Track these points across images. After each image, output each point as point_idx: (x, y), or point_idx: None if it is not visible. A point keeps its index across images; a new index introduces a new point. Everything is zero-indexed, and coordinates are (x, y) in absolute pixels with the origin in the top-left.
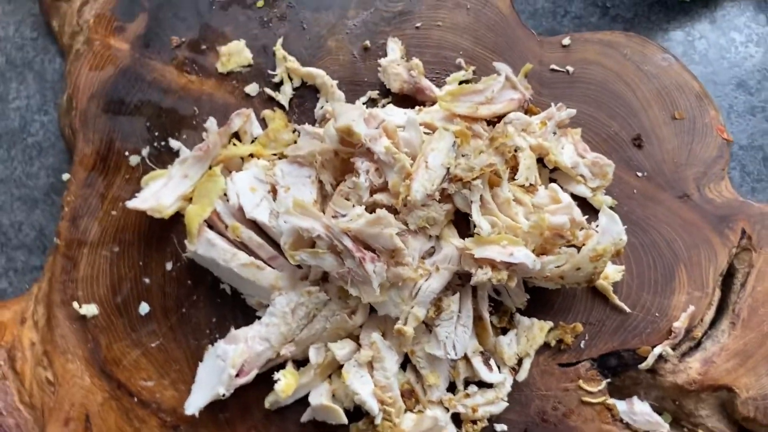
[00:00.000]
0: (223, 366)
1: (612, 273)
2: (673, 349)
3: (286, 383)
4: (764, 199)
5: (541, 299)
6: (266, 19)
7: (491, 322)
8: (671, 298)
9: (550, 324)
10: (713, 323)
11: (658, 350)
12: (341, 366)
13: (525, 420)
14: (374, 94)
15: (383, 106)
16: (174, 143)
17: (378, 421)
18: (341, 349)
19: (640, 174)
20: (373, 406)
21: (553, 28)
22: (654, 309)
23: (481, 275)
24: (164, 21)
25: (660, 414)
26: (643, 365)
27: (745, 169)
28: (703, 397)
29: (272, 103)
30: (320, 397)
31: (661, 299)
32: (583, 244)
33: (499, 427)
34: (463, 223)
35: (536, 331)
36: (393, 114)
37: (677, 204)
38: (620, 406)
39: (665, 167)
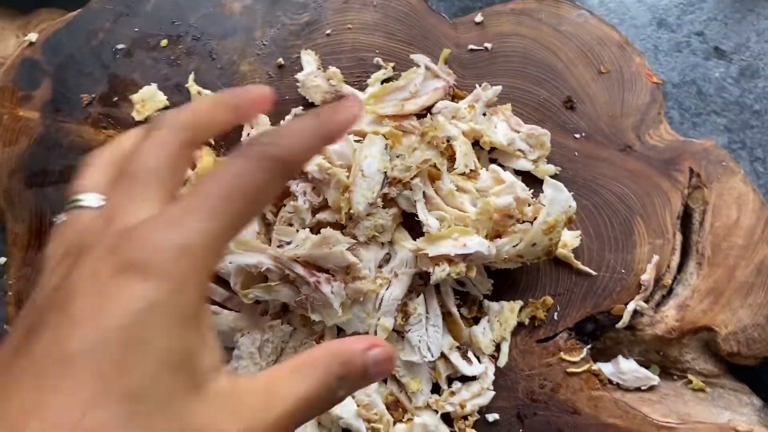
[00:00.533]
0: None
1: (570, 239)
2: (646, 301)
3: None
4: (706, 132)
5: (506, 281)
6: (173, 57)
7: (461, 314)
8: (634, 252)
9: (519, 303)
10: (680, 268)
11: (631, 306)
12: None
13: (515, 404)
14: (299, 110)
15: None
16: None
17: None
18: None
19: (578, 135)
20: (360, 427)
21: (467, 6)
22: (619, 266)
23: (439, 273)
24: (70, 81)
25: (647, 368)
26: (620, 324)
27: (683, 106)
28: (685, 342)
29: None
30: (305, 429)
31: (624, 255)
32: (535, 218)
33: (491, 417)
34: (413, 223)
35: (507, 313)
36: None
37: (621, 157)
38: (606, 368)
39: (602, 123)
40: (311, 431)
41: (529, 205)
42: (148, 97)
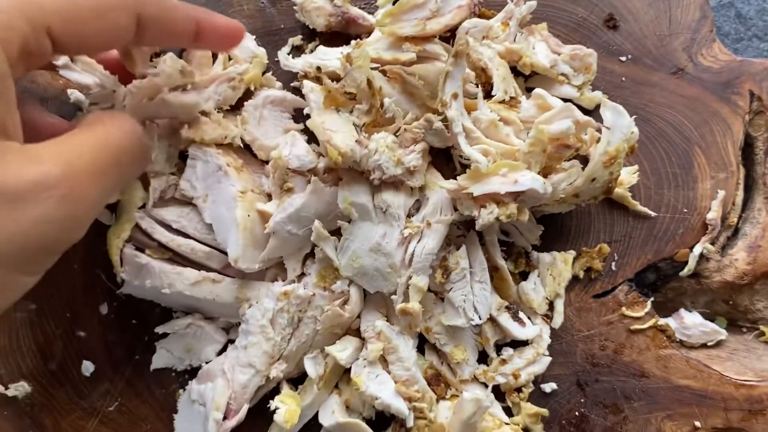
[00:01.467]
0: (204, 411)
1: (626, 177)
2: (713, 244)
3: (287, 411)
4: (751, 57)
5: (554, 229)
6: None
7: (508, 269)
8: (695, 188)
9: (572, 253)
10: (746, 205)
11: (697, 250)
12: (348, 370)
13: (574, 371)
14: (297, 40)
15: (312, 51)
16: None
17: (410, 423)
18: (342, 350)
19: (623, 59)
20: (400, 407)
21: None
22: (681, 205)
23: (486, 216)
24: None
25: (713, 321)
26: (685, 271)
27: (721, 31)
28: (757, 287)
29: None
30: (332, 414)
31: (686, 192)
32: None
33: (548, 387)
34: (442, 168)
35: (560, 265)
36: (327, 57)
37: (673, 81)
38: (668, 324)
39: (649, 43)
40: (340, 416)
41: (586, 133)
42: None
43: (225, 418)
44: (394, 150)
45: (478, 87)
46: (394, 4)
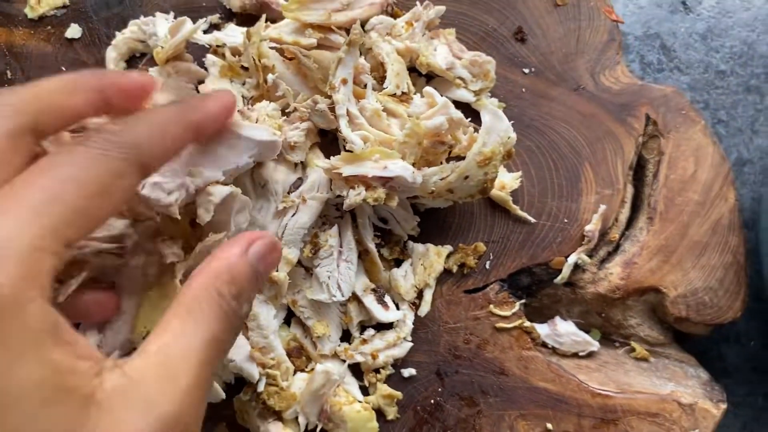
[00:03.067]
0: None
1: (509, 181)
2: (590, 256)
3: None
4: None
5: (435, 223)
6: None
7: (382, 255)
8: (579, 201)
9: (448, 248)
10: (630, 223)
11: (572, 259)
12: None
13: (435, 360)
14: (215, 18)
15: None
16: None
17: (261, 387)
18: None
19: (526, 71)
20: (252, 371)
21: None
22: (562, 215)
23: (353, 197)
24: None
25: (587, 332)
26: (559, 278)
27: (645, 60)
28: (630, 303)
29: (96, 46)
30: None
31: (569, 203)
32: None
33: (407, 372)
34: (329, 148)
35: (433, 257)
36: (232, 35)
37: (572, 97)
38: (542, 329)
39: (554, 59)
40: None
41: (465, 133)
42: None
43: None
44: (276, 119)
45: (371, 79)
46: None
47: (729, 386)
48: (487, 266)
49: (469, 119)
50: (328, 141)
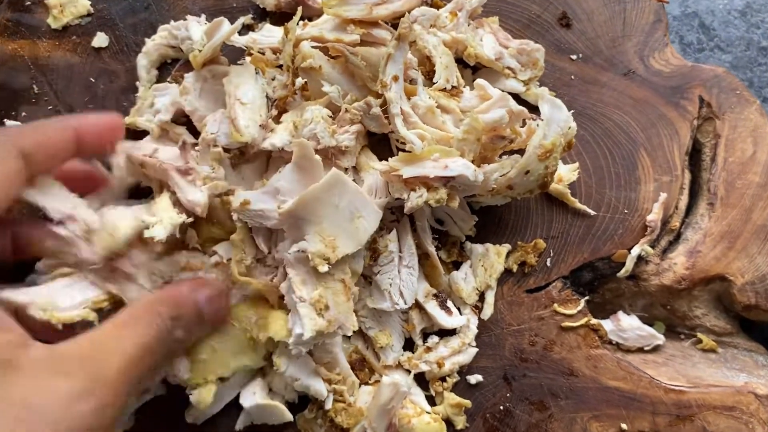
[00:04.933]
0: None
1: (566, 173)
2: (653, 246)
3: (200, 391)
4: None
5: (492, 222)
6: None
7: (440, 258)
8: (638, 190)
9: (507, 247)
10: (689, 210)
11: (635, 251)
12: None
13: (501, 364)
14: (248, 19)
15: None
16: (11, 124)
17: (329, 405)
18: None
19: (574, 57)
20: (319, 388)
21: None
22: (621, 206)
23: (415, 199)
24: None
25: (651, 325)
26: (622, 272)
27: (684, 40)
28: (696, 294)
29: (125, 54)
30: (253, 396)
31: (627, 193)
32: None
33: (473, 379)
34: (381, 152)
35: (493, 257)
36: (270, 35)
37: (623, 83)
38: (605, 325)
39: (601, 44)
40: (260, 398)
41: (524, 125)
42: (68, 1)
43: None
44: (329, 122)
45: (419, 74)
46: None
47: None
48: (548, 263)
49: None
50: (375, 142)
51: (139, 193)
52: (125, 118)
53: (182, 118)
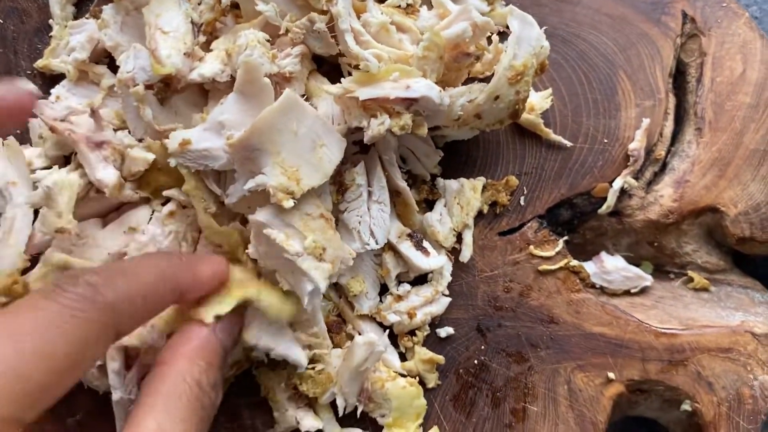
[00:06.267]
0: None
1: (538, 101)
2: (636, 178)
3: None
4: None
5: (458, 158)
6: None
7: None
8: (618, 117)
9: (482, 180)
10: (675, 137)
11: (617, 184)
12: None
13: (474, 314)
14: None
15: None
16: None
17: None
18: None
19: None
20: (298, 356)
21: None
22: (600, 135)
23: (376, 126)
24: None
25: (638, 265)
26: (604, 208)
27: None
28: (685, 228)
29: None
30: None
31: (607, 120)
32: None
33: (443, 332)
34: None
35: (469, 193)
36: None
37: (598, 0)
38: (587, 267)
39: None
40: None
41: (490, 42)
42: None
43: None
44: (267, 47)
45: None
46: None
47: None
48: (522, 202)
49: None
50: (323, 74)
51: None
52: (37, 62)
53: (105, 59)
